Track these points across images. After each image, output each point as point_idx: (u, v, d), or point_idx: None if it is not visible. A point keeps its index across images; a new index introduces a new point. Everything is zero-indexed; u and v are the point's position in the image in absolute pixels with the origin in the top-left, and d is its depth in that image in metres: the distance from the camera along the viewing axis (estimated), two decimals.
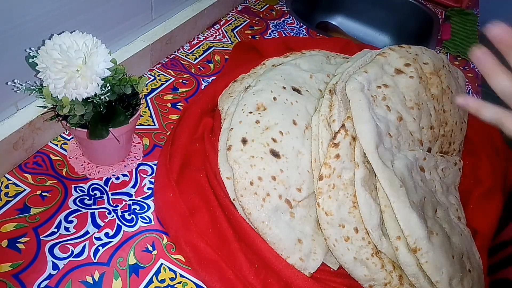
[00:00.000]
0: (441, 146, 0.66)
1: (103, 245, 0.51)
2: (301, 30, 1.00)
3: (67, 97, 0.46)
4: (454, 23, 1.14)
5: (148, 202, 0.57)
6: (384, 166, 0.52)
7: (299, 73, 0.68)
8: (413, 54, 0.67)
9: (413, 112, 0.61)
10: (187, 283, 0.50)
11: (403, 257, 0.51)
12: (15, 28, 0.50)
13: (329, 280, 0.53)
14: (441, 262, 0.51)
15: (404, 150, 0.58)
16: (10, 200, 0.53)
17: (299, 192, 0.55)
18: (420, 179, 0.58)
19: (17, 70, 0.52)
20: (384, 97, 0.59)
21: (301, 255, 0.52)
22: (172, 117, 0.70)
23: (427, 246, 0.50)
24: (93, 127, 0.50)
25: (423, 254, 0.50)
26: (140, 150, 0.63)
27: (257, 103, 0.61)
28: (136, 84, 0.53)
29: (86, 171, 0.58)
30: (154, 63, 0.78)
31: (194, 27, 0.86)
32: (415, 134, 0.61)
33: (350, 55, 0.77)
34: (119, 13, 0.66)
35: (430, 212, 0.56)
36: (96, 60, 0.46)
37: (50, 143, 0.61)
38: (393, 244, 0.51)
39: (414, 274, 0.51)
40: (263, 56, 0.79)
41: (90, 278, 0.48)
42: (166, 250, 0.53)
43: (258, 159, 0.55)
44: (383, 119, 0.57)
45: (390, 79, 0.62)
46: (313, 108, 0.63)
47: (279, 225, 0.52)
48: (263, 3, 1.06)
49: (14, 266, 0.47)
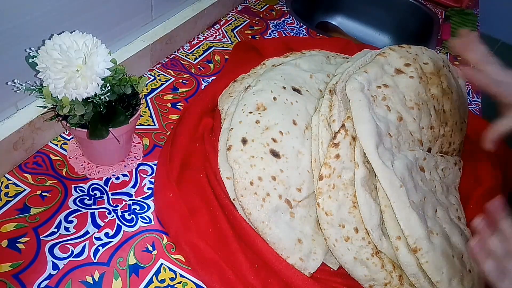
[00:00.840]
0: (441, 146, 0.66)
1: (103, 245, 0.51)
2: (301, 30, 1.00)
3: (67, 97, 0.46)
4: (454, 23, 1.14)
5: (148, 202, 0.57)
6: (384, 166, 0.52)
7: (299, 73, 0.68)
8: (413, 54, 0.67)
9: (413, 112, 0.61)
10: (187, 283, 0.50)
11: (403, 257, 0.51)
12: (15, 28, 0.50)
13: (329, 280, 0.53)
14: (441, 262, 0.51)
15: (404, 150, 0.58)
16: (10, 200, 0.53)
17: (299, 192, 0.55)
18: (420, 179, 0.58)
19: (17, 70, 0.52)
20: (384, 97, 0.59)
21: (301, 255, 0.52)
22: (172, 117, 0.70)
23: (427, 246, 0.50)
24: (93, 127, 0.50)
25: (424, 254, 0.50)
26: (140, 150, 0.63)
27: (257, 103, 0.61)
28: (136, 84, 0.53)
29: (86, 171, 0.58)
30: (154, 63, 0.78)
31: (194, 27, 0.86)
32: (415, 134, 0.61)
33: (350, 55, 0.77)
34: (119, 13, 0.66)
35: (430, 212, 0.56)
36: (96, 60, 0.46)
37: (50, 143, 0.61)
38: (393, 244, 0.51)
39: (414, 274, 0.51)
40: (263, 56, 0.79)
41: (90, 278, 0.48)
42: (166, 250, 0.53)
43: (258, 159, 0.55)
44: (383, 119, 0.57)
45: (390, 79, 0.62)
46: (313, 108, 0.63)
47: (279, 225, 0.52)
48: (263, 3, 1.06)
49: (14, 266, 0.47)
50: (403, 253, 0.51)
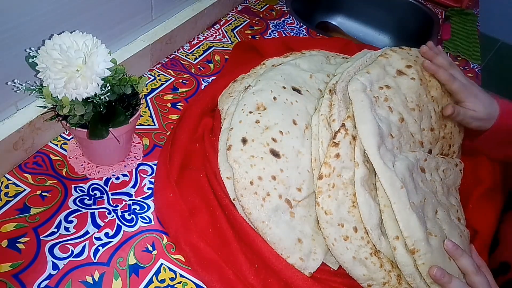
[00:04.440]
0: (441, 148, 0.66)
1: (103, 245, 0.51)
2: (301, 30, 1.00)
3: (67, 97, 0.46)
4: (454, 23, 1.14)
5: (148, 202, 0.57)
6: (386, 167, 0.52)
7: (299, 73, 0.68)
8: (413, 56, 0.67)
9: (414, 113, 0.61)
10: (187, 283, 0.50)
11: (400, 257, 0.51)
12: (15, 28, 0.50)
13: (329, 280, 0.53)
14: (438, 264, 0.51)
15: (405, 151, 0.58)
16: (10, 200, 0.53)
17: (299, 191, 0.55)
18: (421, 180, 0.58)
19: (17, 70, 0.52)
20: (386, 98, 0.59)
21: (301, 255, 0.52)
22: (172, 117, 0.70)
23: (425, 248, 0.50)
24: (93, 127, 0.50)
25: (421, 256, 0.50)
26: (140, 150, 0.63)
27: (257, 103, 0.61)
28: (136, 84, 0.53)
29: (86, 171, 0.58)
30: (154, 63, 0.78)
31: (194, 27, 0.86)
32: (416, 135, 0.61)
33: (350, 55, 0.77)
34: (119, 13, 0.66)
35: (430, 213, 0.56)
36: (96, 60, 0.46)
37: (50, 143, 0.61)
38: (391, 244, 0.51)
39: (411, 274, 0.51)
40: (263, 56, 0.79)
41: (90, 278, 0.48)
42: (166, 250, 0.53)
43: (258, 158, 0.55)
44: (385, 120, 0.57)
45: (392, 80, 0.62)
46: (313, 108, 0.63)
47: (279, 225, 0.52)
48: (263, 3, 1.06)
49: (14, 266, 0.47)
50: (401, 253, 0.51)
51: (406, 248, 0.51)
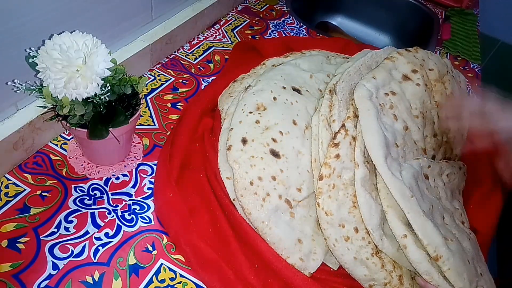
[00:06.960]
0: (444, 153, 0.66)
1: (103, 245, 0.51)
2: (301, 30, 1.00)
3: (67, 97, 0.46)
4: (454, 23, 1.14)
5: (148, 202, 0.57)
6: (394, 177, 0.52)
7: (299, 73, 0.68)
8: (420, 60, 0.66)
9: (418, 121, 0.61)
10: (187, 283, 0.50)
11: (412, 255, 0.50)
12: (15, 28, 0.50)
13: (329, 280, 0.53)
14: (461, 268, 0.50)
15: (409, 159, 0.58)
16: (10, 200, 0.53)
17: (299, 192, 0.55)
18: (426, 187, 0.57)
19: (17, 70, 0.52)
20: (391, 106, 0.59)
21: (301, 255, 0.52)
22: (172, 117, 0.70)
23: (447, 253, 0.50)
24: (93, 127, 0.50)
25: (445, 262, 0.49)
26: (140, 150, 0.63)
27: (257, 103, 0.61)
28: (136, 84, 0.53)
29: (86, 171, 0.58)
30: (154, 63, 0.78)
31: (194, 27, 0.86)
32: (419, 143, 0.61)
33: (350, 55, 0.77)
34: (119, 13, 0.66)
35: (438, 219, 0.55)
36: (96, 60, 0.46)
37: (50, 143, 0.61)
38: (400, 243, 0.51)
39: (427, 271, 0.50)
40: (263, 56, 0.79)
41: (90, 278, 0.48)
42: (166, 250, 0.53)
43: (258, 159, 0.55)
44: (390, 128, 0.57)
45: (397, 86, 0.62)
46: (313, 108, 0.63)
47: (279, 225, 0.52)
48: (263, 3, 1.06)
49: (14, 266, 0.47)
50: (412, 251, 0.50)
51: (416, 244, 0.50)
